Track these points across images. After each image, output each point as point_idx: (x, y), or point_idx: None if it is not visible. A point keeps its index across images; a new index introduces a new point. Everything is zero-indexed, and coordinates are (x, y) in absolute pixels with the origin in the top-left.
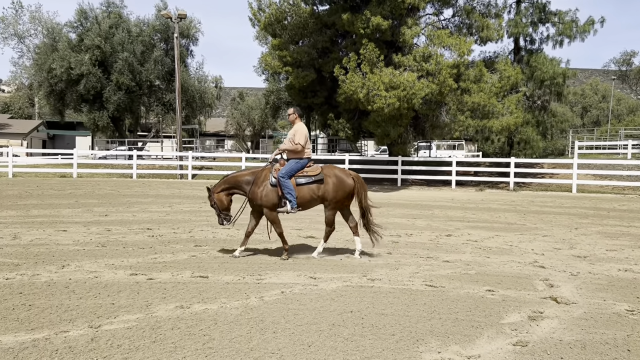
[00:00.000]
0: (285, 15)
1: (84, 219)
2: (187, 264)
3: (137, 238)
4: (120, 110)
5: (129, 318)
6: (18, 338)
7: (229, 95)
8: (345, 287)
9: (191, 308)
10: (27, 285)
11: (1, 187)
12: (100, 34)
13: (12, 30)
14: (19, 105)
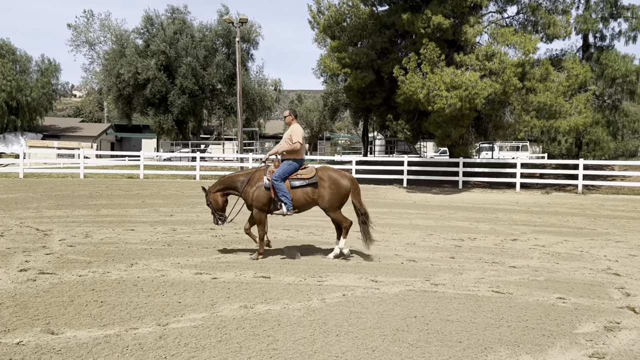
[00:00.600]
0: (344, 17)
1: (151, 218)
2: (250, 264)
3: (201, 238)
4: (184, 113)
5: (195, 317)
6: (91, 333)
7: (287, 98)
8: (407, 292)
9: (255, 308)
10: (98, 283)
11: (73, 188)
12: (165, 39)
13: (83, 37)
14: (90, 109)
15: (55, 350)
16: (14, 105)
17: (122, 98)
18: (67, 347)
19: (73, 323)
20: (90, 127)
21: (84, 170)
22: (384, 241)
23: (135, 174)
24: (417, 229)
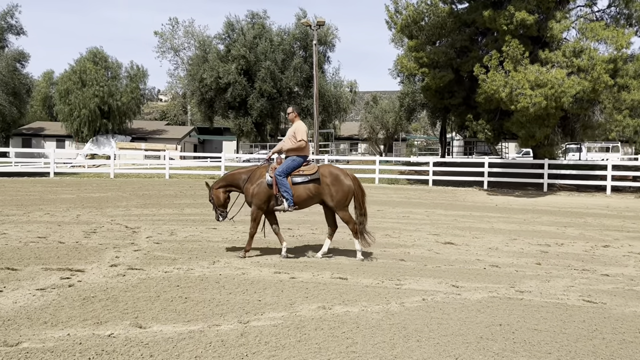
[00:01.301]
0: (422, 16)
1: None
2: (327, 264)
3: None
4: (263, 116)
5: (275, 316)
6: (176, 329)
7: (362, 99)
8: (491, 298)
9: (333, 309)
10: (183, 279)
11: (159, 188)
12: (246, 44)
13: (169, 44)
14: (174, 113)
15: (143, 343)
16: (106, 109)
17: (204, 102)
18: (154, 340)
19: (159, 318)
20: (175, 129)
21: (169, 171)
22: (464, 245)
23: (217, 174)
24: (500, 233)
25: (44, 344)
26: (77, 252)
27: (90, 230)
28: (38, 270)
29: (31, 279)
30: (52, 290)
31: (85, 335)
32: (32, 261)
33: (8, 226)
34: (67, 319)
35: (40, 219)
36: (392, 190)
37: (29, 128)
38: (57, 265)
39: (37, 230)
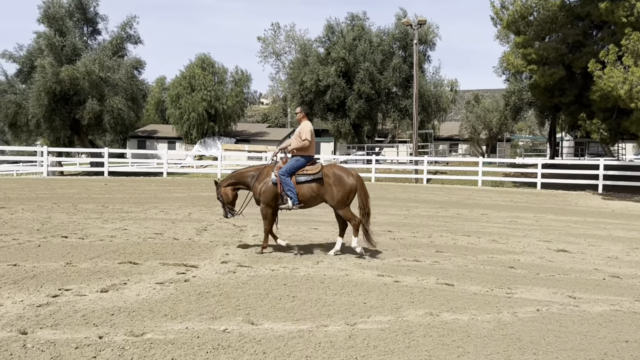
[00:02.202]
0: (530, 11)
1: (331, 218)
2: (431, 269)
3: (379, 240)
4: (360, 117)
5: (381, 319)
6: (286, 327)
7: (463, 99)
8: (614, 312)
9: (440, 316)
10: (289, 278)
11: None
12: (345, 46)
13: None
14: (275, 115)
15: (256, 340)
16: (213, 112)
17: (304, 104)
18: (265, 338)
19: (269, 315)
20: (276, 131)
21: None
22: (579, 253)
23: None
24: (619, 242)
25: (166, 336)
26: (191, 248)
27: (202, 227)
28: (156, 265)
29: (151, 273)
30: (169, 285)
31: (202, 329)
32: (151, 256)
33: (128, 222)
34: (185, 313)
35: (155, 216)
36: (496, 193)
37: (143, 131)
38: (173, 261)
39: (153, 227)
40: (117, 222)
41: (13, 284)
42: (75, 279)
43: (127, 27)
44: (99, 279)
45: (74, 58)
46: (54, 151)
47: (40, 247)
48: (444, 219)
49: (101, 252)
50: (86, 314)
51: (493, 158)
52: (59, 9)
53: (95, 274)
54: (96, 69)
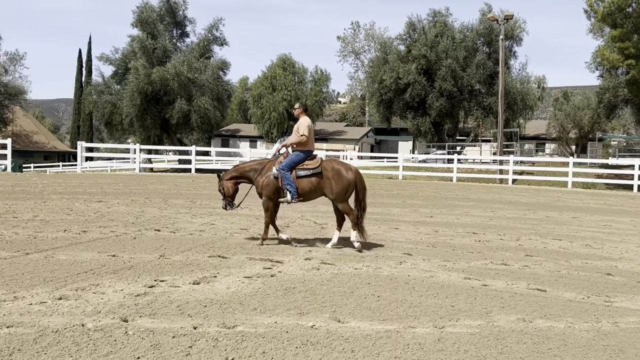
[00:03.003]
0: (629, 3)
1: (412, 218)
2: (521, 273)
3: (464, 241)
4: (441, 115)
5: (471, 323)
6: (373, 326)
7: (550, 96)
8: None
9: (534, 323)
10: (372, 277)
11: None
12: (427, 43)
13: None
14: (353, 114)
15: (344, 338)
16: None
17: (383, 103)
18: (353, 336)
19: (355, 314)
20: (353, 130)
21: None
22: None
23: (394, 174)
24: None
25: (256, 329)
26: (275, 244)
27: (284, 224)
28: (244, 259)
29: (239, 267)
30: (257, 279)
31: (291, 324)
32: (238, 250)
33: (215, 217)
34: (273, 307)
35: (240, 212)
36: (587, 195)
37: (227, 130)
38: (260, 256)
39: (239, 222)
40: (205, 217)
41: (113, 274)
42: (169, 271)
43: (214, 30)
44: (191, 272)
45: (165, 60)
46: (145, 149)
47: (135, 239)
48: (532, 222)
49: (192, 245)
50: (181, 305)
51: (583, 158)
52: (151, 13)
53: (187, 267)
54: (185, 70)
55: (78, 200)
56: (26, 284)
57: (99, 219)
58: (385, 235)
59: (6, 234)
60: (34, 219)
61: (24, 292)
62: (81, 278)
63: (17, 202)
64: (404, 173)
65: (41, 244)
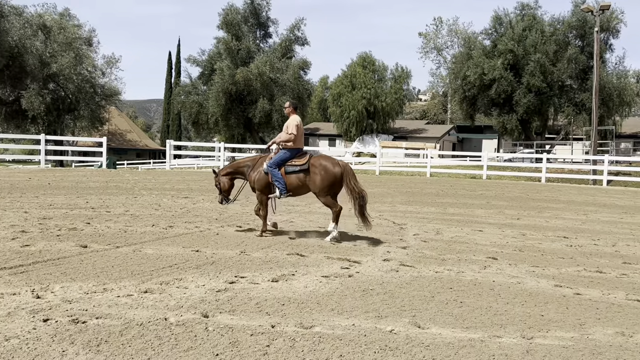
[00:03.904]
0: None
1: (497, 220)
2: (618, 282)
3: (554, 246)
4: (529, 112)
5: (562, 335)
6: (455, 334)
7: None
8: None
9: (634, 338)
10: (454, 281)
11: (421, 185)
12: (514, 37)
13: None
14: (434, 112)
15: (424, 345)
16: (372, 110)
17: (466, 100)
18: (434, 343)
19: (436, 320)
20: (434, 128)
21: (430, 169)
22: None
23: (478, 174)
24: None
25: (334, 331)
26: (353, 244)
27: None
28: (321, 258)
29: (316, 266)
30: (335, 279)
31: (369, 327)
32: (316, 249)
33: (294, 215)
34: (351, 309)
35: (318, 211)
36: None
37: (306, 129)
38: (337, 255)
39: (317, 220)
40: (285, 214)
41: (196, 269)
42: (249, 267)
43: (295, 30)
44: (270, 269)
45: (248, 60)
46: (229, 147)
47: (218, 235)
48: (630, 226)
49: (271, 242)
50: (259, 302)
51: None
52: (236, 15)
53: (266, 264)
54: (267, 70)
55: (166, 196)
56: (115, 276)
57: (185, 214)
58: (467, 238)
59: (99, 227)
60: (124, 213)
61: (113, 285)
62: (166, 272)
63: (110, 197)
64: (488, 172)
65: (130, 238)
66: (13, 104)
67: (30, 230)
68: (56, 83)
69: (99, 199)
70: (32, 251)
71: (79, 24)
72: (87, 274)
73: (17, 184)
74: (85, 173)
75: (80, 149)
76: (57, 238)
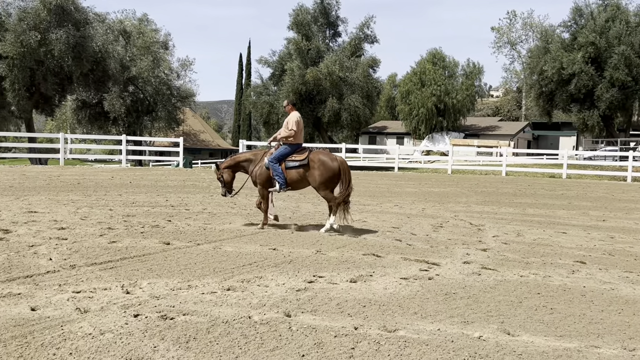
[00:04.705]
0: None
1: (581, 222)
2: None
3: None
4: (612, 108)
5: None
6: (548, 342)
7: None
8: None
9: None
10: (542, 286)
11: (496, 185)
12: (595, 29)
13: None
14: (507, 108)
15: (516, 353)
16: (442, 107)
17: (543, 95)
18: (527, 352)
19: (527, 327)
20: (508, 125)
21: (506, 168)
22: None
23: (557, 173)
24: None
25: (419, 335)
26: (429, 245)
27: (437, 224)
28: (398, 259)
29: (394, 267)
30: (414, 281)
31: (455, 333)
32: (392, 250)
33: (366, 215)
34: (434, 313)
35: (390, 210)
36: None
37: (374, 127)
38: (414, 257)
39: (390, 220)
40: (356, 214)
41: (274, 267)
42: (326, 267)
43: (365, 28)
44: (347, 269)
45: (318, 60)
46: None
47: (293, 234)
48: None
49: (346, 242)
50: (340, 303)
51: None
52: (306, 15)
53: (343, 264)
54: (337, 69)
55: (240, 195)
56: (198, 273)
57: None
58: (551, 240)
59: (180, 225)
60: (203, 211)
61: (197, 282)
62: (246, 270)
63: (188, 196)
64: (567, 172)
65: (210, 235)
66: (96, 106)
67: (116, 227)
68: (135, 86)
69: (177, 197)
70: (119, 247)
71: (156, 29)
72: (172, 271)
73: (102, 183)
74: (164, 172)
75: (157, 148)
76: (142, 235)
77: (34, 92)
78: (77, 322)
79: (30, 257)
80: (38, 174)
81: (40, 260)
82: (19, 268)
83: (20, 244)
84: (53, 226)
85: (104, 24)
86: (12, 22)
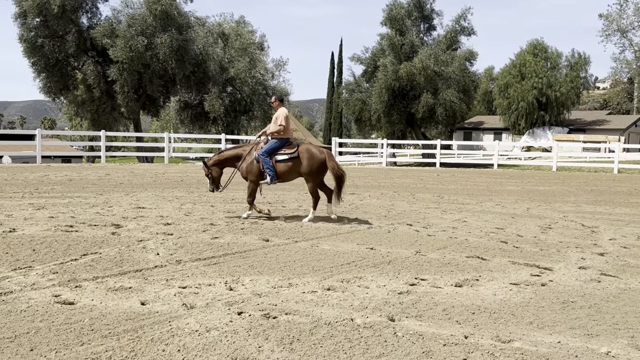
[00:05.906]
0: None
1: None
2: None
3: None
4: None
5: None
6: None
7: None
8: None
9: None
10: None
11: (608, 183)
12: None
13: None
14: (617, 101)
15: None
16: (544, 100)
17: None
18: None
19: None
20: (618, 119)
21: (618, 165)
22: None
23: None
24: None
25: (537, 348)
26: (538, 247)
27: (545, 225)
28: (505, 262)
29: (502, 271)
30: (526, 287)
31: (579, 347)
32: (498, 252)
33: (466, 214)
34: (552, 324)
35: (492, 210)
36: None
37: (470, 122)
38: (523, 260)
39: (493, 220)
40: (455, 213)
41: (374, 267)
42: (428, 269)
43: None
44: (450, 272)
45: (411, 55)
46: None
47: (390, 233)
48: None
49: (446, 243)
50: (446, 309)
51: None
52: (400, 10)
53: (445, 266)
54: (431, 63)
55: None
56: (297, 271)
57: (354, 210)
58: None
59: (278, 221)
60: (298, 208)
61: (297, 280)
62: (345, 269)
63: (284, 193)
64: None
65: (307, 233)
66: (197, 107)
67: (218, 224)
68: (233, 86)
69: (274, 194)
70: (221, 243)
71: (253, 30)
72: (272, 268)
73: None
74: None
75: None
76: (242, 231)
77: (141, 94)
78: (184, 318)
79: (140, 251)
80: (145, 171)
81: (149, 255)
82: (130, 262)
83: (130, 239)
84: (160, 222)
85: (204, 27)
86: (122, 29)
